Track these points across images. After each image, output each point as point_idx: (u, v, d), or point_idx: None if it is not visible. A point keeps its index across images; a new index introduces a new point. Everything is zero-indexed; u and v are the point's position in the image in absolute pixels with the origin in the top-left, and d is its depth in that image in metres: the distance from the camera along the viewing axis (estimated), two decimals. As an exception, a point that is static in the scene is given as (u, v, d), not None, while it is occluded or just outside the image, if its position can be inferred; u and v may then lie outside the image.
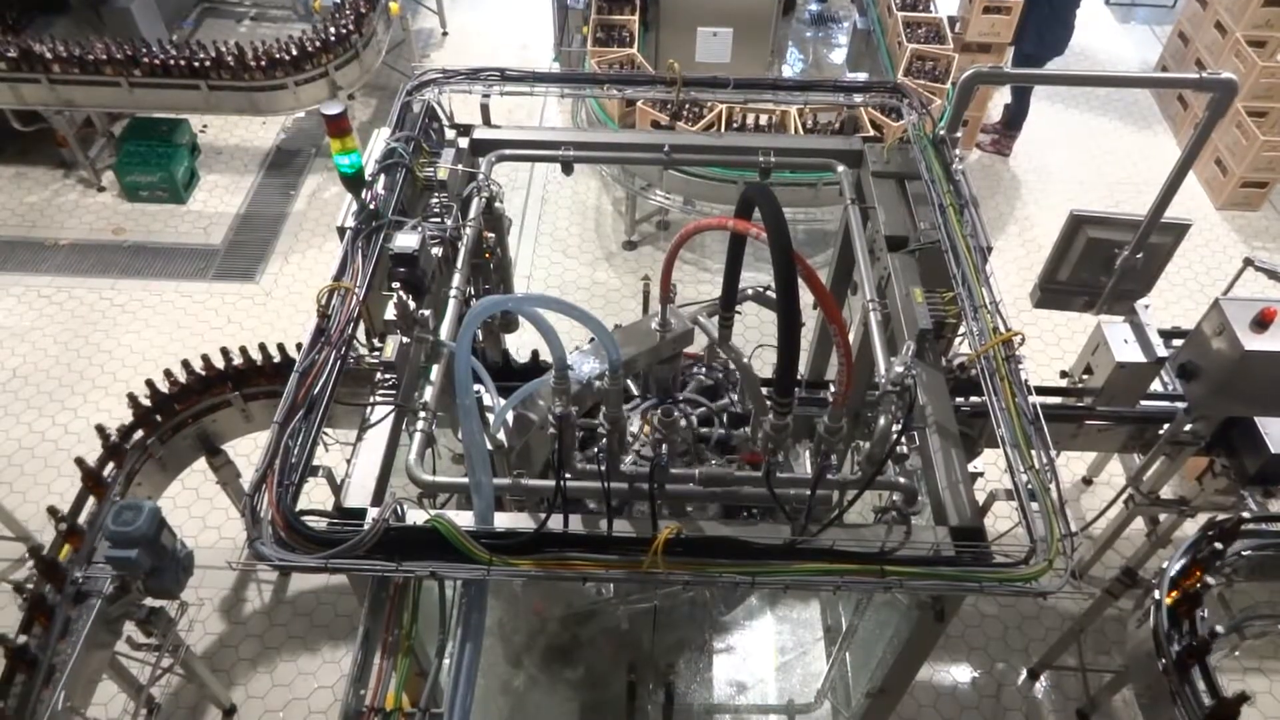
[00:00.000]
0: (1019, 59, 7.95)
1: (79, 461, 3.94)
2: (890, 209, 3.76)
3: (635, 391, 3.60)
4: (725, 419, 3.49)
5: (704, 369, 3.66)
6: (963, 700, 5.04)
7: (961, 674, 5.15)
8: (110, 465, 4.10)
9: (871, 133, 5.47)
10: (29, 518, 5.35)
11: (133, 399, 4.26)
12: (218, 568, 5.01)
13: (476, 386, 2.65)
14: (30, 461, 5.86)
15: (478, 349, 4.58)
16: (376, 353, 3.10)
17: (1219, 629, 3.57)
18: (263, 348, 4.51)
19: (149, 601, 3.93)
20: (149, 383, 4.33)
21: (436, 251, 3.42)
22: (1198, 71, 3.51)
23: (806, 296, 2.26)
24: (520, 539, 2.54)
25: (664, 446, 3.10)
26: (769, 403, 2.58)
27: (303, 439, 2.72)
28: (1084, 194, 8.16)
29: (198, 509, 5.64)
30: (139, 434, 4.27)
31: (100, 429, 4.10)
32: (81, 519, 3.93)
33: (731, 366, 3.61)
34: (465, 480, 2.66)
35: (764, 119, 6.60)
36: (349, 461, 2.90)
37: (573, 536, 2.60)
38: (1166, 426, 4.32)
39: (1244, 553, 3.96)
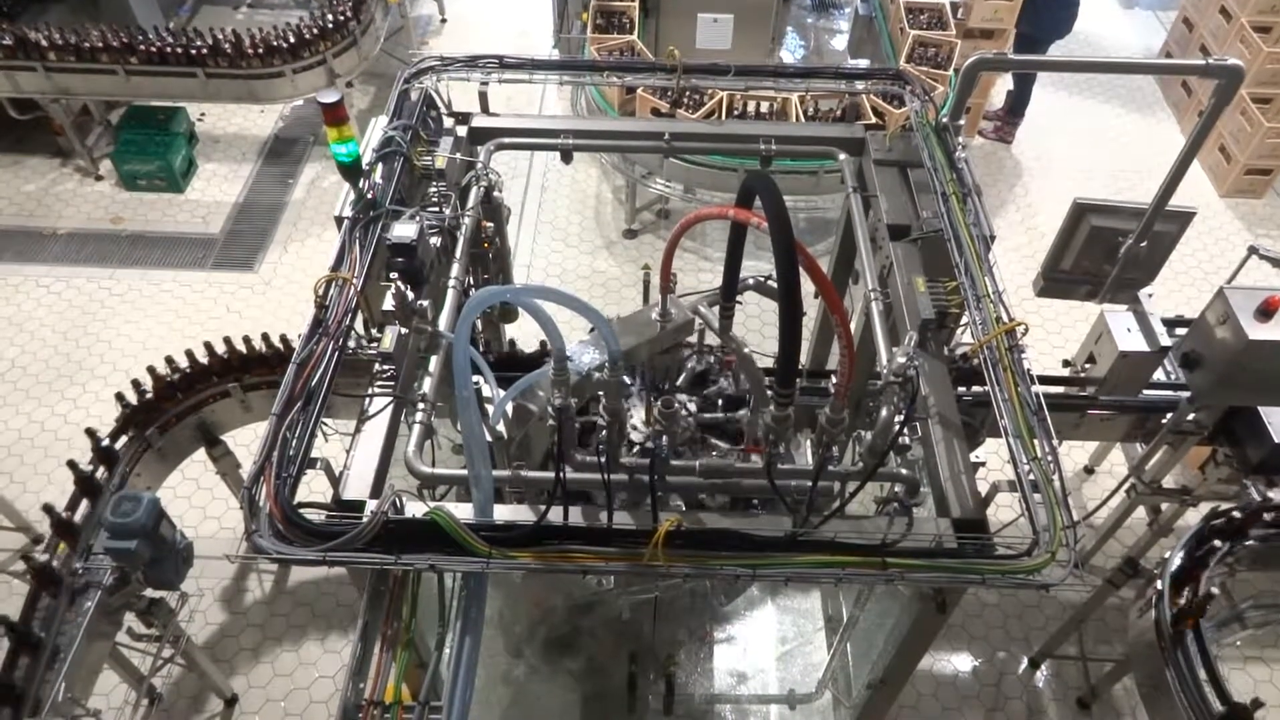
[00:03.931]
0: (1018, 40, 7.89)
1: (71, 465, 3.93)
2: (892, 197, 3.73)
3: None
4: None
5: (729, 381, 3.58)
6: (963, 689, 5.04)
7: (962, 663, 5.16)
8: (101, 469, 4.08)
9: (873, 120, 5.44)
10: (29, 508, 5.34)
11: (121, 397, 4.24)
12: (218, 558, 4.98)
13: (475, 378, 2.63)
14: (30, 451, 5.85)
15: (477, 339, 4.56)
16: (375, 343, 3.08)
17: (1214, 591, 3.57)
18: (264, 338, 4.50)
19: (149, 592, 3.93)
20: (134, 382, 4.32)
21: (435, 241, 3.40)
22: (1203, 58, 3.47)
23: (808, 286, 2.23)
24: (520, 531, 2.53)
25: (664, 438, 3.08)
26: (770, 393, 2.56)
27: (301, 430, 2.71)
28: (1087, 181, 8.12)
29: (198, 499, 5.64)
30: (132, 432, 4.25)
31: (91, 432, 4.08)
32: (80, 510, 3.92)
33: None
34: (464, 472, 2.65)
35: (765, 106, 6.55)
36: (348, 453, 2.88)
37: (573, 529, 2.59)
38: (1169, 416, 4.30)
39: (1247, 542, 3.95)
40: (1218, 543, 3.87)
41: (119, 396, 4.26)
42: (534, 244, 7.47)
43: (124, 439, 4.21)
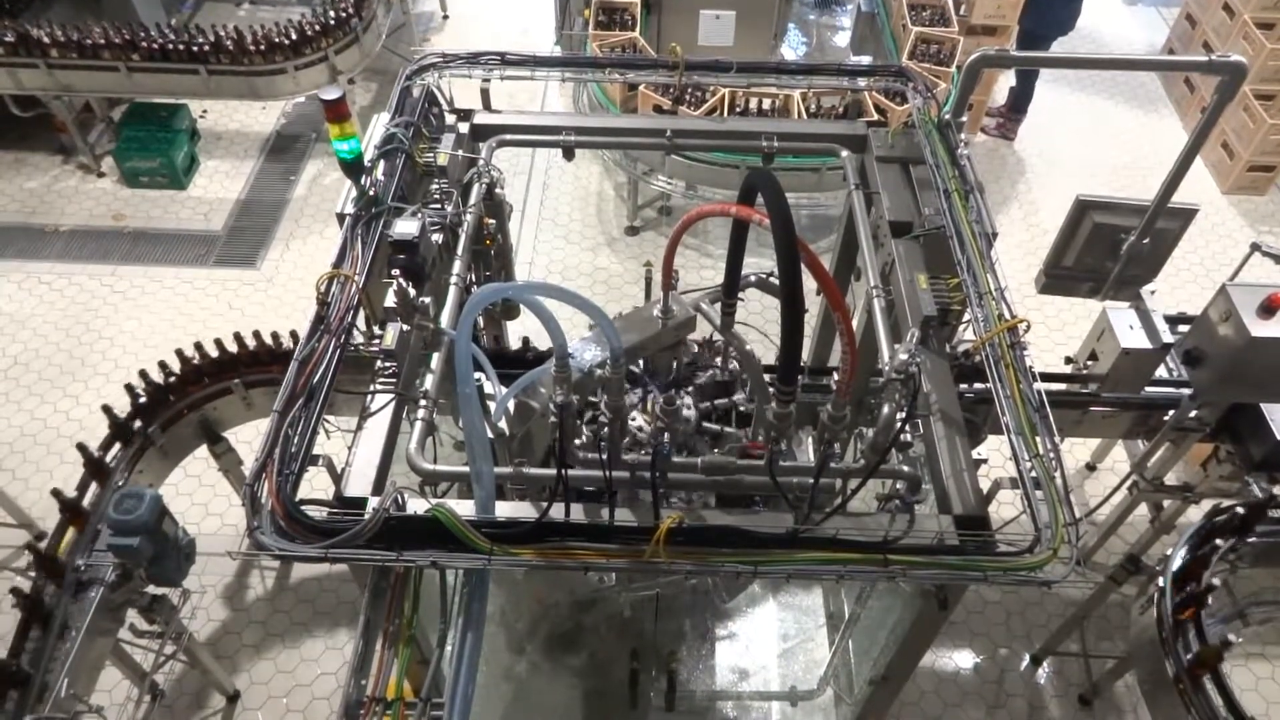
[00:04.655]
0: (1020, 37, 7.88)
1: (81, 447, 3.94)
2: (894, 194, 3.73)
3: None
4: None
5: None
6: (965, 686, 5.04)
7: (964, 660, 5.16)
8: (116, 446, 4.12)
9: (876, 117, 5.43)
10: (31, 505, 5.35)
11: (130, 390, 4.26)
12: (220, 555, 4.99)
13: (477, 374, 2.63)
14: (33, 448, 5.86)
15: (479, 336, 4.56)
16: (377, 340, 3.08)
17: (1232, 638, 3.53)
18: (270, 335, 4.50)
19: (151, 589, 3.93)
20: (143, 373, 4.33)
21: (437, 238, 3.40)
22: (1205, 54, 3.47)
23: (810, 283, 2.23)
24: (521, 528, 2.53)
25: (666, 435, 3.08)
26: (772, 390, 2.56)
27: (303, 427, 2.71)
28: (1089, 178, 8.10)
29: (200, 496, 5.65)
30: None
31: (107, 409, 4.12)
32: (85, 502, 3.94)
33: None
34: (466, 469, 2.65)
35: (767, 103, 6.55)
36: (350, 450, 2.89)
37: (574, 526, 2.59)
38: (1171, 413, 4.29)
39: (1249, 540, 3.95)
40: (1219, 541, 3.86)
41: (143, 379, 4.30)
42: (536, 241, 7.46)
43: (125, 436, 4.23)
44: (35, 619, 3.55)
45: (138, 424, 4.24)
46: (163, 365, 4.38)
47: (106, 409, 4.13)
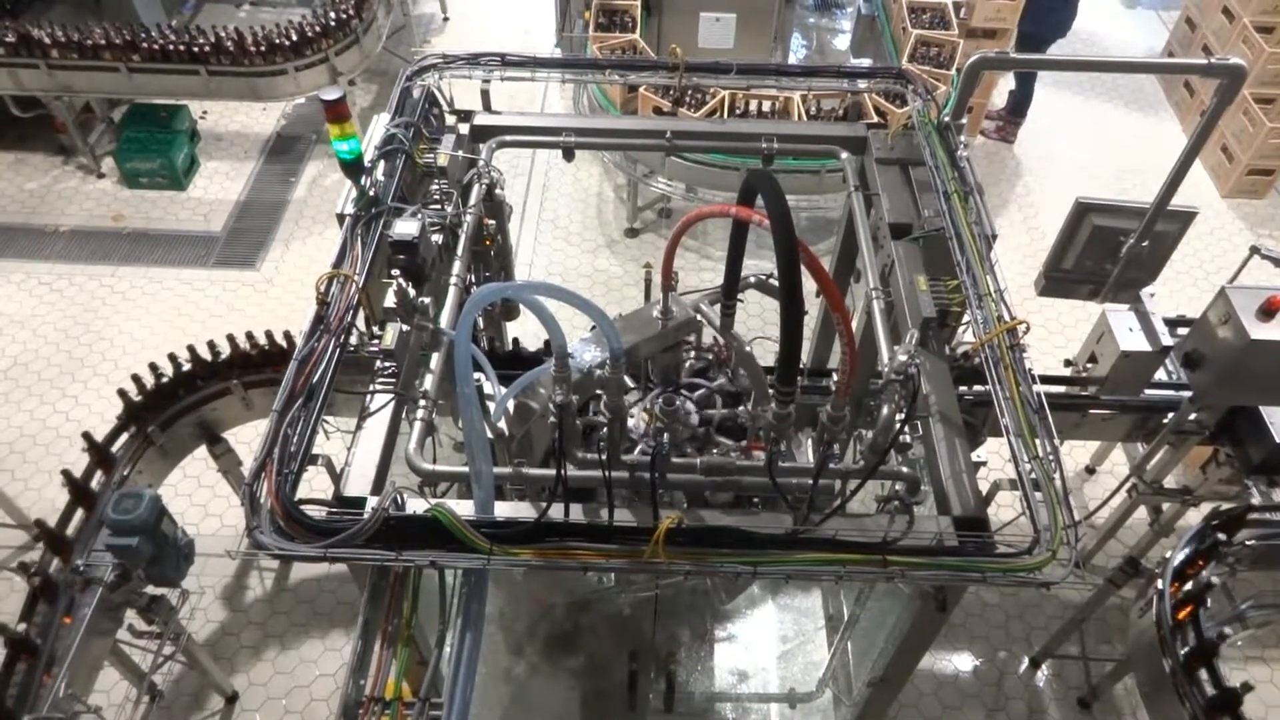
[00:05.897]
0: (1019, 40, 7.89)
1: (65, 474, 3.90)
2: (894, 196, 3.73)
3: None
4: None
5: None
6: (964, 688, 5.04)
7: (963, 662, 5.16)
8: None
9: (875, 119, 5.44)
10: (31, 505, 5.35)
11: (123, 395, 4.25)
12: (219, 555, 4.99)
13: (477, 375, 2.63)
14: (32, 449, 5.86)
15: (478, 337, 4.56)
16: (376, 340, 3.09)
17: (1226, 630, 3.53)
18: (268, 335, 4.50)
19: (150, 589, 3.93)
20: (135, 377, 4.33)
21: (436, 239, 3.40)
22: (1205, 57, 3.47)
23: (809, 284, 2.23)
24: (521, 528, 2.53)
25: (665, 435, 3.08)
26: (771, 391, 2.56)
27: (302, 427, 2.71)
28: (1089, 181, 8.10)
29: (199, 496, 5.64)
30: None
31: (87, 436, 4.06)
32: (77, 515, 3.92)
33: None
34: (465, 469, 2.65)
35: (767, 105, 6.55)
36: (349, 450, 2.88)
37: (573, 526, 2.59)
38: (1171, 416, 4.29)
39: (1248, 542, 3.95)
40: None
41: (140, 382, 4.28)
42: (535, 242, 7.47)
43: (125, 436, 4.21)
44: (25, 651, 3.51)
45: (126, 434, 4.21)
46: (154, 368, 4.37)
47: (86, 435, 4.03)
